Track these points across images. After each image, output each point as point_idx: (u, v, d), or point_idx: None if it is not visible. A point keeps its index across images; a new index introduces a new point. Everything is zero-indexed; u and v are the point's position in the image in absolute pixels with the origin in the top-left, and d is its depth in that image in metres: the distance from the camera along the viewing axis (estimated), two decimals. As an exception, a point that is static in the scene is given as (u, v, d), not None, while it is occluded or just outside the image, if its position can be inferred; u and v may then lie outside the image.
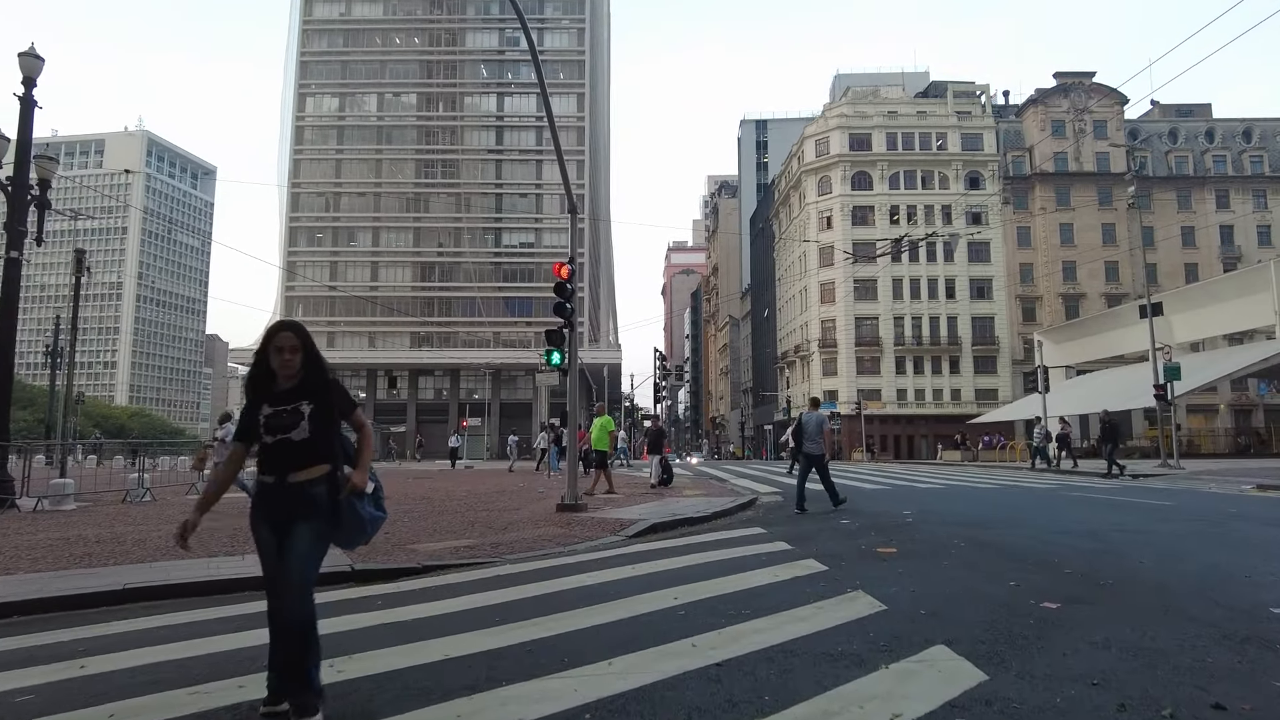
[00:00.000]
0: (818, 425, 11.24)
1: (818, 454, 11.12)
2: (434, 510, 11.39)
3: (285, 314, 71.51)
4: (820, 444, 11.17)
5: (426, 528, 9.11)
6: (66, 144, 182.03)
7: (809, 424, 11.24)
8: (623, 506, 10.96)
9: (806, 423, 11.29)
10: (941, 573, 5.64)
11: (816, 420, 11.34)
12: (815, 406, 11.94)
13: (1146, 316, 24.09)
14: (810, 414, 11.49)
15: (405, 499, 14.00)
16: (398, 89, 75.26)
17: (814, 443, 11.09)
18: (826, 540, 7.48)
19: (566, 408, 10.61)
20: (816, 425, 11.24)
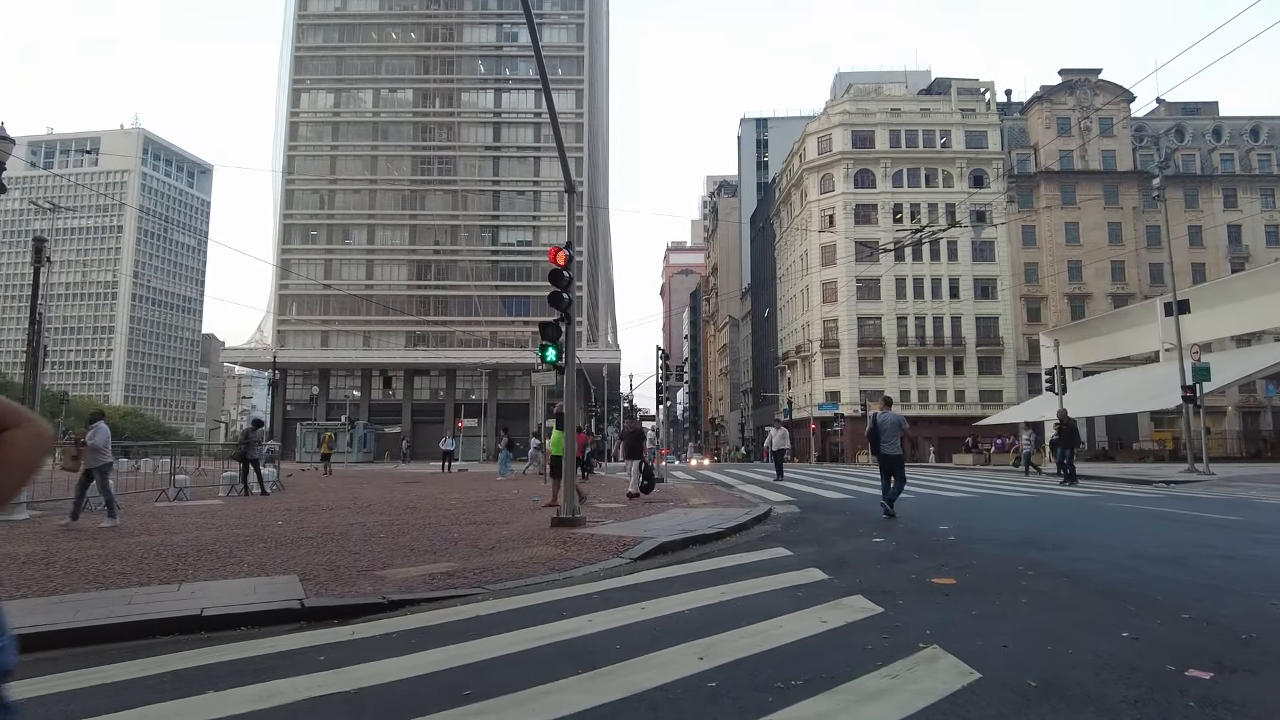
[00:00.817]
0: (894, 425, 10.86)
1: (894, 455, 10.77)
2: (416, 523, 10.29)
3: (279, 313, 70.48)
4: (897, 445, 10.79)
5: (404, 545, 8.02)
6: (62, 141, 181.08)
7: (884, 424, 10.91)
8: (625, 520, 9.85)
9: (882, 423, 10.95)
10: (1025, 616, 4.56)
11: (892, 420, 10.95)
12: (888, 406, 11.56)
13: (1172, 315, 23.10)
14: (885, 414, 11.12)
15: (389, 508, 12.92)
16: (394, 84, 74.12)
17: (890, 444, 10.77)
18: (866, 565, 6.40)
19: (563, 408, 9.50)
20: (893, 425, 10.86)
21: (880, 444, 10.92)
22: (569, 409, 9.22)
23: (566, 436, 9.32)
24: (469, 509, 12.12)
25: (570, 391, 9.26)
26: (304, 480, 23.35)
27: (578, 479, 21.36)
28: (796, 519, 10.46)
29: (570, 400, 9.23)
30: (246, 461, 16.82)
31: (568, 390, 9.27)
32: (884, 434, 10.87)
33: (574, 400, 9.16)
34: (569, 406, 9.23)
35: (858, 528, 9.25)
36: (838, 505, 12.64)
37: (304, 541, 8.45)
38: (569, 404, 9.24)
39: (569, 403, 9.24)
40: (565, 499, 9.03)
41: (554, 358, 9.00)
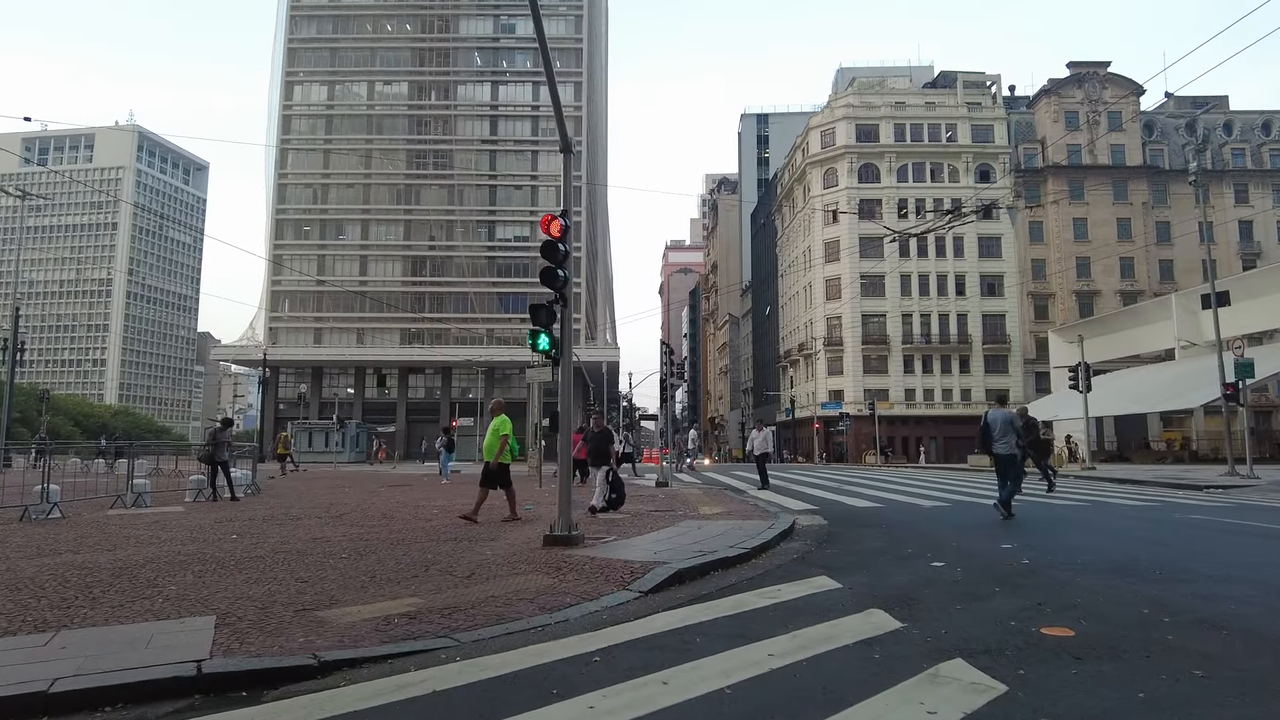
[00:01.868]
0: (1005, 423, 10.50)
1: (1008, 455, 10.40)
2: (389, 537, 8.92)
3: (271, 309, 69.06)
4: (1011, 444, 10.38)
5: (366, 570, 6.65)
6: (56, 138, 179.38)
7: (995, 423, 10.50)
8: (629, 536, 8.45)
9: (993, 422, 10.53)
10: (1205, 694, 3.21)
11: (1004, 418, 10.56)
12: (1002, 404, 11.12)
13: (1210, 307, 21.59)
14: (996, 412, 10.71)
15: (363, 517, 11.54)
16: (388, 77, 72.66)
17: (1003, 443, 10.40)
18: (942, 605, 5.04)
19: (557, 406, 8.11)
20: (1004, 423, 10.49)
21: (992, 443, 10.48)
22: (564, 406, 7.85)
23: (562, 436, 7.93)
24: (452, 520, 10.75)
25: (566, 386, 7.89)
26: (283, 483, 21.97)
27: (575, 483, 20.04)
28: (827, 534, 9.09)
29: (566, 396, 7.86)
30: (214, 464, 15.45)
31: (563, 384, 7.90)
32: (995, 432, 10.43)
33: (570, 396, 7.81)
34: (565, 403, 7.86)
35: (904, 546, 7.88)
36: (869, 516, 11.25)
37: (250, 563, 7.10)
38: (564, 400, 7.87)
39: (565, 399, 7.87)
40: (561, 513, 7.64)
41: (546, 346, 7.64)
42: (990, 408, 11.06)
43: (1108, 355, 47.75)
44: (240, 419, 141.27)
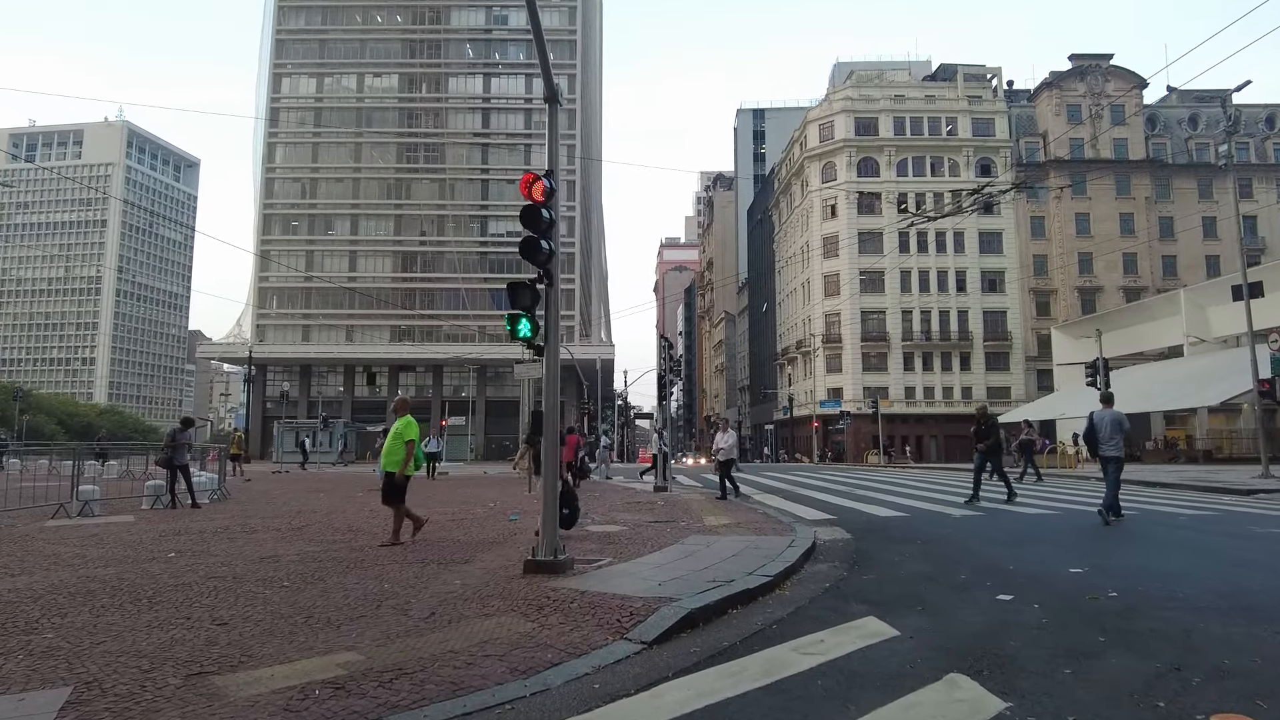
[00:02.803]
0: (1113, 424, 9.98)
1: (1115, 457, 9.90)
2: (347, 558, 7.68)
3: (258, 306, 67.62)
4: (1119, 445, 9.92)
5: (304, 605, 5.42)
6: (44, 134, 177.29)
7: (1102, 424, 9.98)
8: (626, 558, 7.16)
9: (1099, 423, 10.01)
10: None
11: (1111, 419, 10.03)
12: (1109, 404, 10.46)
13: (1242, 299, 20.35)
14: (1103, 412, 10.15)
15: (326, 529, 10.29)
16: (378, 69, 71.21)
17: (1111, 444, 9.92)
18: (1044, 668, 3.79)
19: (543, 405, 6.83)
20: (1112, 424, 9.98)
21: (1099, 445, 9.96)
22: (550, 402, 6.59)
23: (547, 440, 6.66)
24: (422, 534, 9.50)
25: (552, 380, 6.64)
26: (257, 486, 20.66)
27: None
28: (856, 553, 7.84)
29: (552, 392, 6.61)
30: (173, 468, 14.17)
31: (549, 378, 6.65)
32: (1102, 434, 9.92)
33: (556, 392, 6.57)
34: (550, 400, 6.60)
35: (953, 569, 6.65)
36: (897, 529, 10.00)
37: (169, 595, 5.86)
38: (550, 396, 6.61)
39: (550, 394, 6.62)
40: (545, 533, 6.38)
41: (528, 333, 6.39)
42: (1098, 409, 10.41)
43: (1112, 352, 46.49)
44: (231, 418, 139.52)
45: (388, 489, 8.87)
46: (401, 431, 8.85)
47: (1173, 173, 63.52)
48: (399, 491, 8.78)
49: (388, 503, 8.91)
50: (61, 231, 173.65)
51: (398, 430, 8.90)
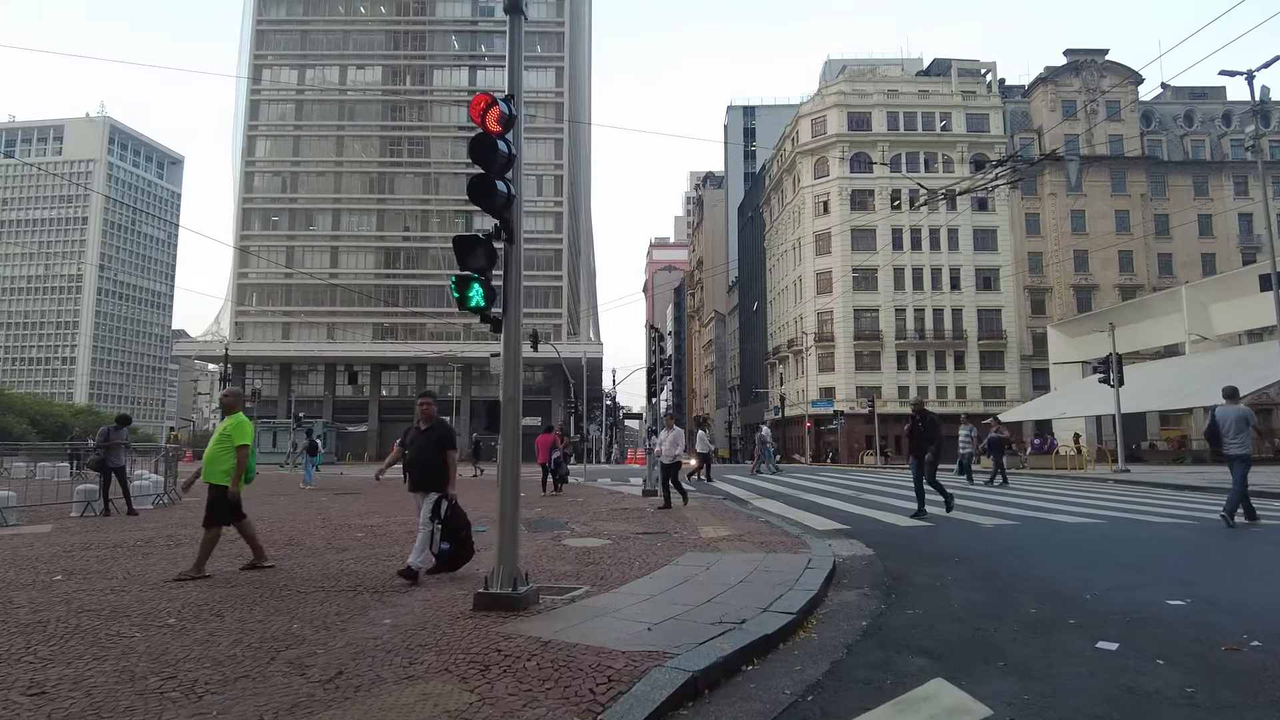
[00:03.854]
0: (1238, 420, 9.24)
1: (1242, 455, 9.17)
2: (260, 586, 6.29)
3: (237, 303, 65.85)
4: (1245, 442, 9.16)
5: (172, 658, 4.05)
6: (24, 130, 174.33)
7: (1225, 420, 9.25)
8: (609, 589, 5.66)
9: (1222, 419, 9.28)
10: None
11: (1236, 415, 9.28)
12: (1233, 398, 9.53)
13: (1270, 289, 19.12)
14: (1227, 408, 9.36)
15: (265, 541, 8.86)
16: (361, 61, 69.47)
17: (1236, 442, 9.17)
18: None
19: (501, 395, 5.37)
20: (1237, 421, 9.23)
21: (1224, 443, 9.25)
22: (510, 392, 5.19)
23: (505, 438, 5.24)
24: (372, 550, 8.10)
25: (512, 362, 5.24)
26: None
27: (549, 492, 17.33)
28: (886, 574, 6.48)
29: (512, 381, 5.20)
30: (107, 470, 12.71)
31: (508, 361, 5.25)
32: (1225, 430, 9.21)
33: (518, 381, 5.18)
34: (510, 389, 5.21)
35: (1021, 601, 5.28)
36: (924, 542, 8.62)
37: (2, 641, 4.47)
38: (510, 385, 5.21)
39: (510, 383, 5.22)
40: (502, 557, 4.98)
41: (480, 301, 5.02)
42: (1220, 405, 9.59)
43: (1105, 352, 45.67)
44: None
45: (214, 508, 6.87)
46: (230, 433, 6.95)
47: (1168, 169, 62.78)
48: (230, 511, 6.88)
49: (213, 525, 6.87)
50: (41, 229, 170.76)
51: (224, 432, 7.00)
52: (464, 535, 6.69)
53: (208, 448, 7.12)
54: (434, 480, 6.52)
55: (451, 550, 6.59)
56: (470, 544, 6.79)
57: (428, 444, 6.63)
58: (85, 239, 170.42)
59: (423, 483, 6.58)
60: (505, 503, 5.00)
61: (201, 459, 7.19)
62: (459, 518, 6.66)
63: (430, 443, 6.63)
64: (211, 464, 6.90)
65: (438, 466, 6.51)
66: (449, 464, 6.53)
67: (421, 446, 6.66)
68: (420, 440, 6.71)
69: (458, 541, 6.62)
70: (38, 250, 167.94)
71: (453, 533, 6.57)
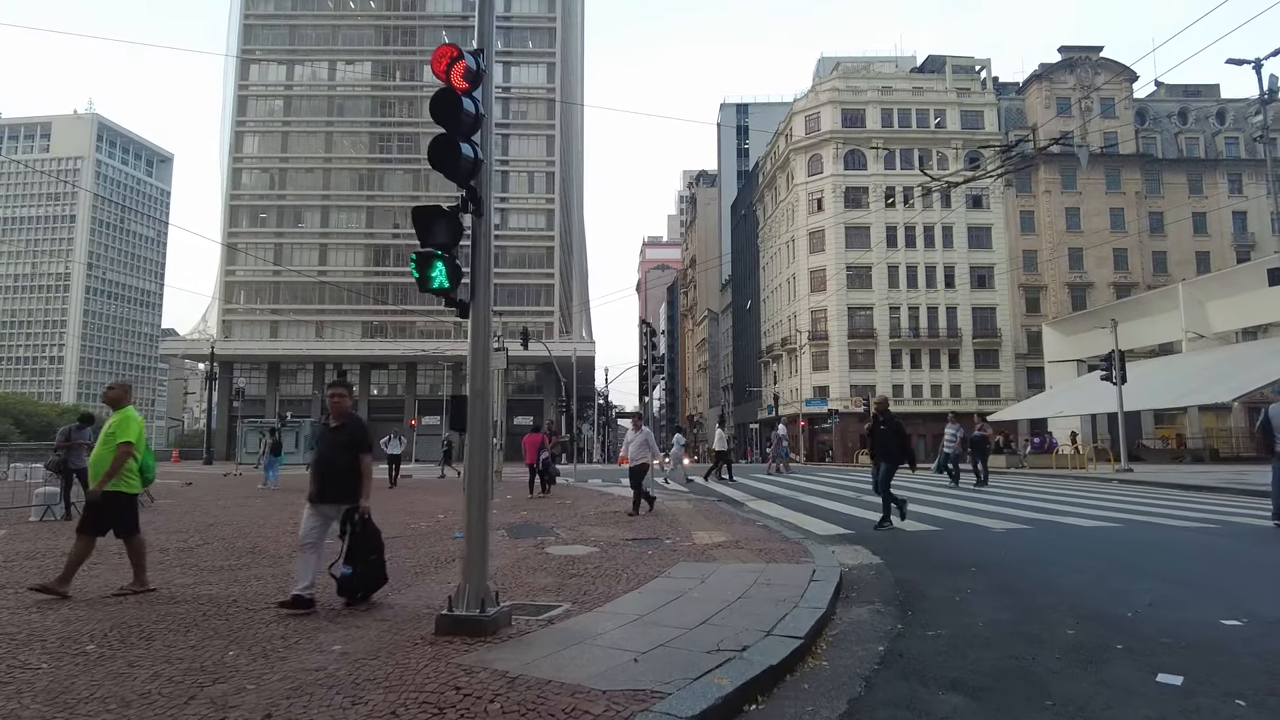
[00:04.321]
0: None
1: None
2: (202, 602, 5.66)
3: (225, 301, 64.98)
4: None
5: (69, 700, 3.46)
6: (10, 127, 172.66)
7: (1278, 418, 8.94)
8: (591, 609, 5.04)
9: (1275, 416, 9.02)
10: None
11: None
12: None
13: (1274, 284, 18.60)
14: None
15: (220, 552, 8.24)
16: (351, 56, 68.63)
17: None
18: None
19: (468, 388, 4.69)
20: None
21: (1276, 441, 8.95)
22: (478, 384, 4.59)
23: (473, 438, 4.63)
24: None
25: (480, 352, 4.62)
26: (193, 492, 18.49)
27: (537, 494, 16.68)
28: (898, 586, 5.89)
29: (480, 372, 4.60)
30: (68, 472, 12.05)
31: (476, 351, 4.64)
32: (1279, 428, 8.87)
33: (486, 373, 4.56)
34: (479, 381, 4.60)
35: (1056, 621, 4.68)
36: (933, 547, 8.05)
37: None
38: (478, 376, 4.61)
39: (478, 374, 4.62)
40: (469, 574, 4.37)
41: (444, 282, 4.41)
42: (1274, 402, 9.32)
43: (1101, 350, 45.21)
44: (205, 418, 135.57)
45: (93, 513, 5.94)
46: (115, 430, 6.02)
47: (1163, 167, 62.51)
48: (120, 519, 5.94)
49: (86, 532, 5.89)
50: (28, 227, 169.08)
51: (109, 430, 6.09)
52: (374, 559, 5.45)
53: (94, 449, 6.36)
54: (343, 489, 5.44)
55: (354, 576, 5.30)
56: (383, 569, 5.56)
57: (336, 444, 5.59)
58: (73, 237, 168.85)
59: (329, 491, 5.43)
60: (472, 511, 4.39)
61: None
62: (371, 537, 5.45)
63: (339, 443, 5.58)
64: (97, 466, 6.06)
65: (349, 472, 5.45)
66: (363, 470, 5.49)
67: (330, 446, 5.62)
68: (329, 439, 5.68)
69: (365, 565, 5.37)
70: (25, 249, 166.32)
71: (360, 555, 5.33)
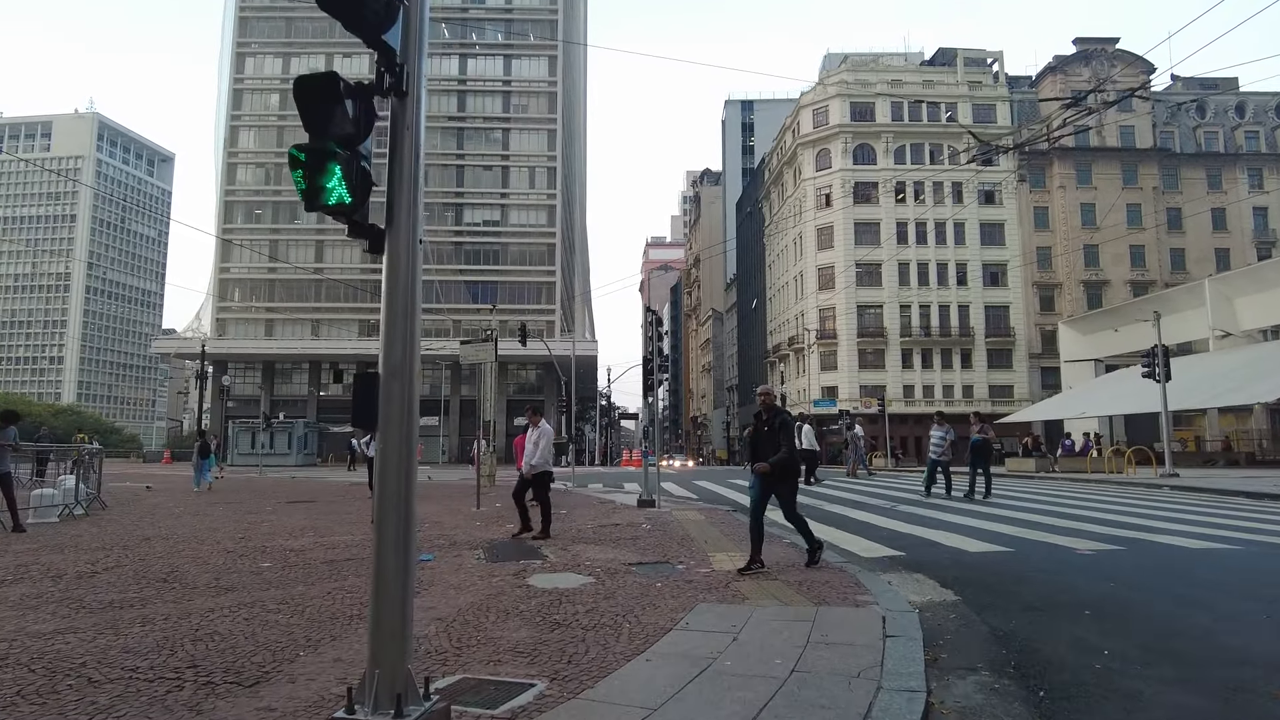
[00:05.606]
0: None
1: None
2: (30, 677, 4.10)
3: (219, 297, 63.54)
4: None
5: None
6: (11, 126, 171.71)
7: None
8: (577, 693, 3.46)
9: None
10: None
11: None
12: None
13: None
14: None
15: (137, 576, 6.68)
16: (348, 49, 67.07)
17: None
18: None
19: (381, 365, 3.14)
20: None
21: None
22: (394, 357, 3.03)
23: (386, 443, 3.00)
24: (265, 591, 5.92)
25: (401, 311, 3.06)
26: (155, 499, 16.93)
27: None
28: (998, 640, 4.26)
29: (401, 337, 3.02)
30: (-7, 478, 10.48)
31: (393, 308, 3.07)
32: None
33: (413, 339, 2.99)
34: (396, 353, 3.03)
35: (1267, 708, 3.16)
36: (1014, 577, 6.37)
37: None
38: (396, 347, 3.05)
39: (397, 344, 3.05)
40: (380, 653, 2.78)
41: (345, 195, 2.90)
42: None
43: (1121, 349, 43.66)
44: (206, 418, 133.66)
45: None
46: None
47: (1181, 161, 60.80)
48: None
49: None
50: (28, 226, 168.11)
51: None
52: None
53: None
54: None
55: None
56: None
57: None
58: (74, 237, 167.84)
59: None
60: (386, 557, 2.79)
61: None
62: None
63: None
64: None
65: None
66: None
67: None
68: None
69: None
70: (25, 248, 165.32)
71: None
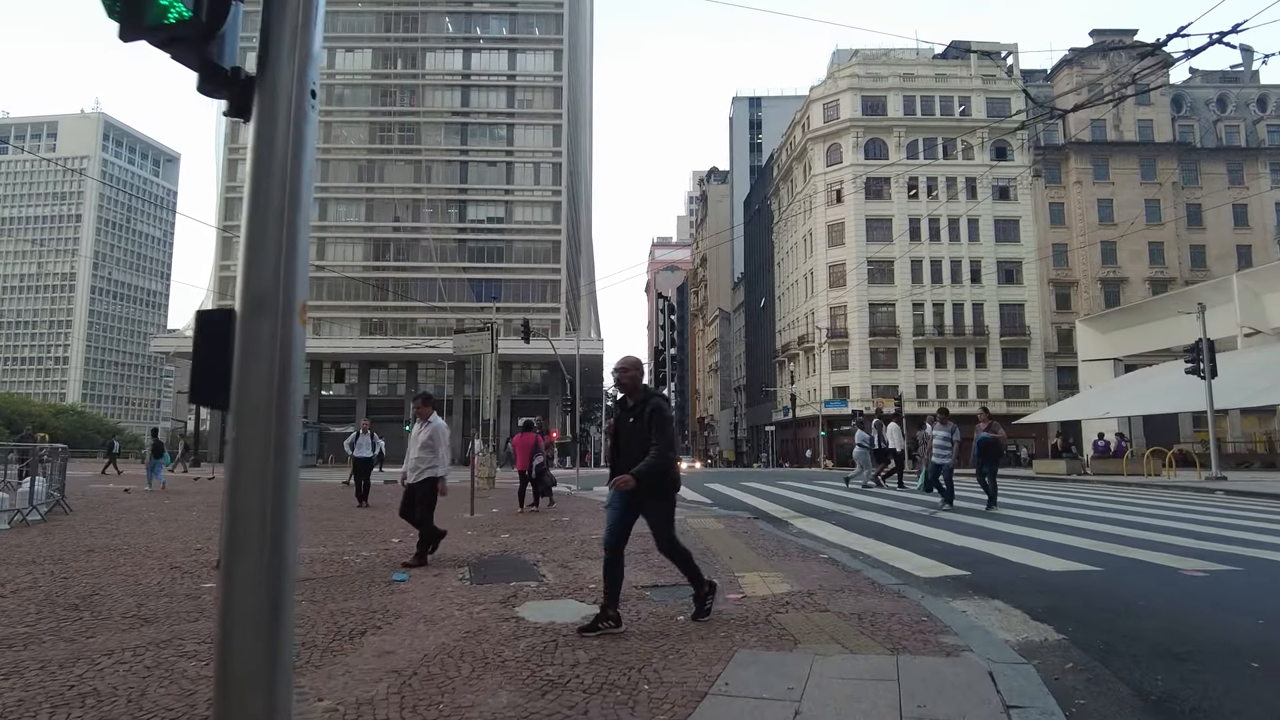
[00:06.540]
0: None
1: None
2: None
3: (219, 295, 62.68)
4: None
5: None
6: (17, 125, 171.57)
7: None
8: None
9: None
10: None
11: None
12: None
13: None
14: None
15: (51, 599, 5.53)
16: (350, 44, 66.22)
17: None
18: None
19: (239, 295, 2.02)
20: None
21: None
22: (257, 283, 1.90)
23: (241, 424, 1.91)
24: (190, 624, 4.77)
25: (276, 209, 1.96)
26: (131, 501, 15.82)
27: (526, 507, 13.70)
28: (1147, 704, 3.12)
29: (273, 246, 1.91)
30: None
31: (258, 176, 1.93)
32: None
33: (294, 248, 1.85)
34: (263, 273, 1.92)
35: None
36: (1125, 608, 5.18)
37: None
38: (261, 257, 1.93)
39: (266, 247, 1.92)
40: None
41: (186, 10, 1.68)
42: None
43: (1141, 349, 42.34)
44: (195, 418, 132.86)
45: None
46: None
47: (1201, 156, 59.37)
48: None
49: None
50: (33, 226, 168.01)
51: None
52: None
53: None
54: None
55: None
56: None
57: None
58: (79, 237, 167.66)
59: None
60: (234, 615, 1.63)
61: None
62: None
63: None
64: None
65: None
66: None
67: None
68: None
69: None
70: (31, 248, 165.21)
71: None
